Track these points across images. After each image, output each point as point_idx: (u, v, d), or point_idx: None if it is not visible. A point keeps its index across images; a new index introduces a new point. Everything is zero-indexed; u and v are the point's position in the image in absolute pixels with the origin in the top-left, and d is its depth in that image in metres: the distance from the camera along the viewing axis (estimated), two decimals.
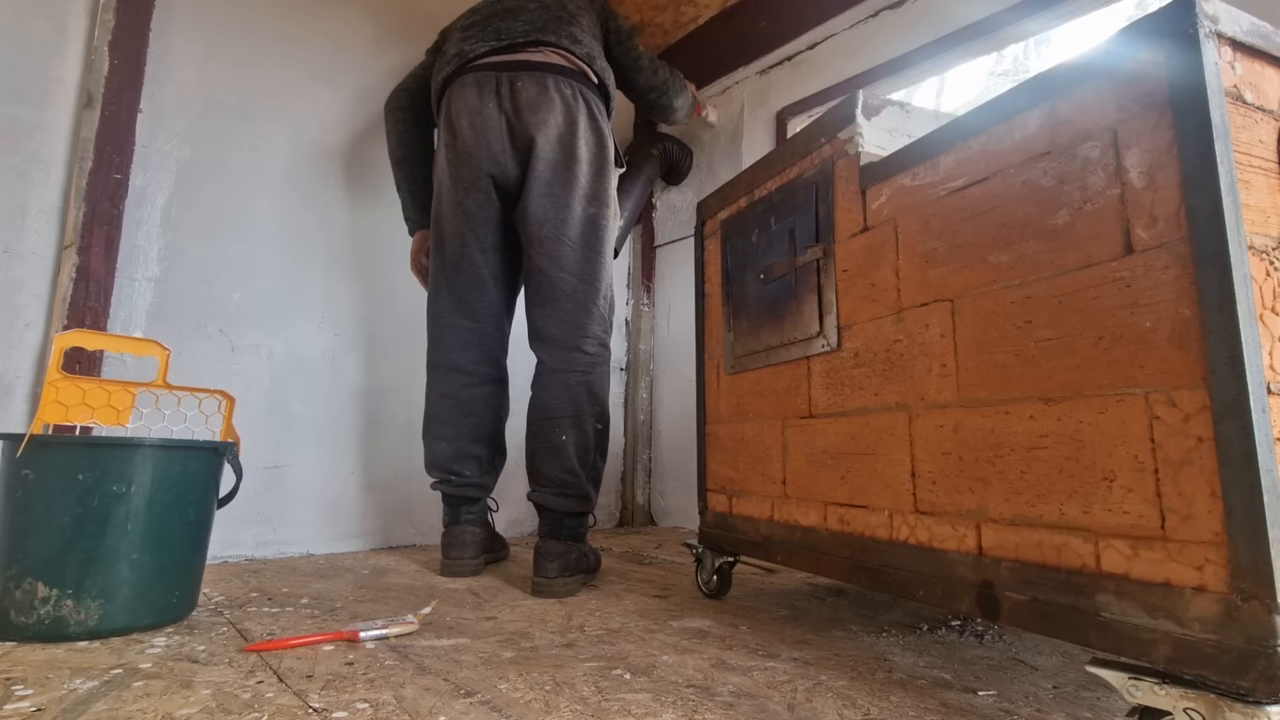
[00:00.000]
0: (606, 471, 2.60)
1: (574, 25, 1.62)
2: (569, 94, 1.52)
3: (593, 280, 1.53)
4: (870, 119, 1.07)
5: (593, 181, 1.54)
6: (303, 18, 1.95)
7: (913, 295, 0.92)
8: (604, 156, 1.57)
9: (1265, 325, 0.59)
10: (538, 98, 1.51)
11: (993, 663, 0.98)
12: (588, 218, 1.53)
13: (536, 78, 1.52)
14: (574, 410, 1.48)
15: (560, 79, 1.53)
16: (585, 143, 1.53)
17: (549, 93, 1.51)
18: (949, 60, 1.93)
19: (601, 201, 1.55)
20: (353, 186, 2.01)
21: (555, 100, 1.51)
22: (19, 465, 1.00)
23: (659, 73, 1.89)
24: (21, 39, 1.55)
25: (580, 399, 1.49)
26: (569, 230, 1.51)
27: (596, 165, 1.55)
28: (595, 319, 1.53)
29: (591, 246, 1.53)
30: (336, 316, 1.96)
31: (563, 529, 1.43)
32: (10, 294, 1.51)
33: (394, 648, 0.99)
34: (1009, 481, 0.78)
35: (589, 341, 1.51)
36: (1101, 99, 0.71)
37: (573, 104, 1.52)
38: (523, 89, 1.51)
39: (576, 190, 1.52)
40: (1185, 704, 0.59)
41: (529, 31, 1.57)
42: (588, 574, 1.46)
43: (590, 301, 1.52)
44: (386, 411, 1.99)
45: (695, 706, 0.79)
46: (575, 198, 1.52)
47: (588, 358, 1.51)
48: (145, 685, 0.82)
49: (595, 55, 1.62)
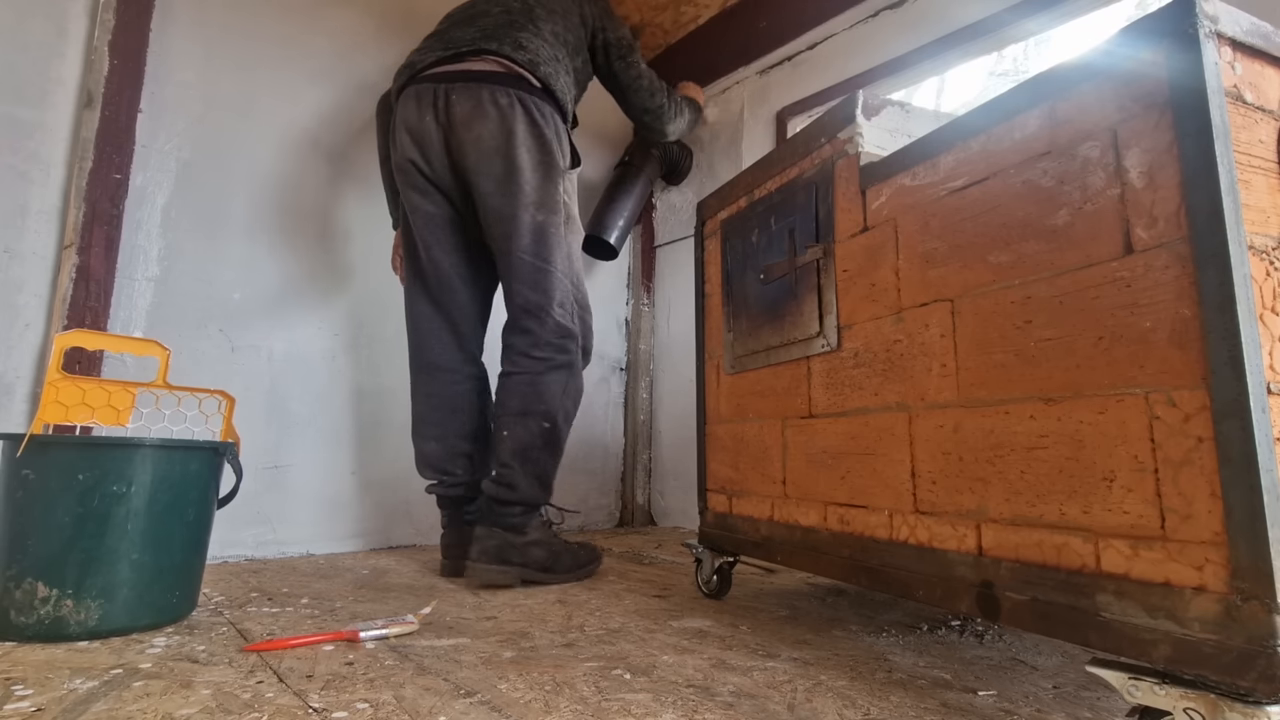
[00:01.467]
0: (606, 471, 2.63)
1: (527, 30, 1.58)
2: (505, 103, 1.50)
3: (544, 289, 1.52)
4: (870, 119, 1.07)
5: (538, 189, 1.52)
6: (303, 18, 1.96)
7: (913, 295, 0.92)
8: (549, 162, 1.54)
9: (1265, 325, 0.59)
10: (471, 112, 1.50)
11: (993, 663, 0.98)
12: (536, 226, 1.52)
13: (471, 90, 1.51)
14: (520, 409, 1.49)
15: (496, 88, 1.50)
16: (526, 150, 1.51)
17: (483, 105, 1.50)
18: (949, 60, 1.93)
19: (549, 209, 1.53)
20: (353, 186, 2.01)
21: (489, 112, 1.49)
22: (19, 465, 1.00)
23: (656, 96, 1.87)
24: (21, 39, 1.55)
25: (527, 399, 1.49)
26: (518, 242, 1.51)
27: (541, 172, 1.53)
28: (548, 327, 1.52)
29: (542, 255, 1.52)
30: (336, 316, 1.96)
31: (492, 515, 1.44)
32: (10, 294, 1.51)
33: (394, 648, 0.99)
34: (1009, 481, 0.78)
35: (540, 348, 1.51)
36: (1101, 99, 0.71)
37: (509, 113, 1.50)
38: (456, 102, 1.51)
39: (521, 200, 1.50)
40: (1185, 704, 0.59)
41: (475, 39, 1.55)
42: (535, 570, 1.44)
43: (543, 310, 1.52)
44: (386, 411, 1.99)
45: (695, 706, 0.79)
46: (520, 208, 1.51)
47: (539, 363, 1.51)
48: (145, 685, 0.82)
49: (542, 60, 1.57)
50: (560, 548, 1.50)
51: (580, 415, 2.55)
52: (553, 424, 1.51)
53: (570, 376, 1.55)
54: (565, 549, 1.51)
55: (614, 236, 2.44)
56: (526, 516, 1.47)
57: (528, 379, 1.50)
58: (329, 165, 1.97)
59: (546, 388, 1.51)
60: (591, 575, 1.56)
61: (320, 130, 1.96)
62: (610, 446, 2.66)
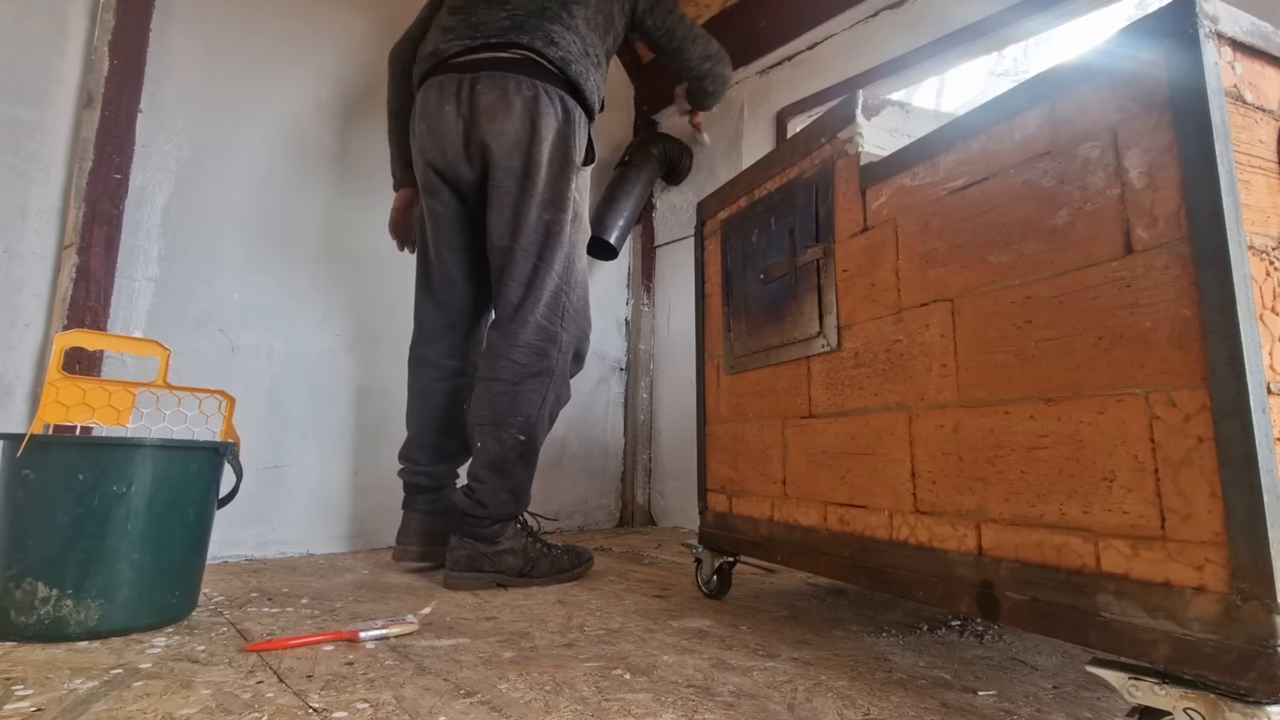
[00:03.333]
0: (606, 471, 2.63)
1: (560, 21, 1.54)
2: (530, 96, 1.48)
3: (536, 288, 1.49)
4: (870, 119, 1.07)
5: (551, 186, 1.50)
6: (303, 17, 1.96)
7: (913, 295, 0.92)
8: (566, 159, 1.52)
9: (1265, 325, 0.59)
10: (495, 104, 1.47)
11: (993, 663, 0.98)
12: (543, 224, 1.50)
13: (498, 80, 1.48)
14: (494, 419, 1.46)
15: (523, 80, 1.48)
16: (548, 146, 1.49)
17: (508, 97, 1.47)
18: (949, 60, 1.93)
19: (559, 207, 1.51)
20: (354, 186, 2.01)
21: (514, 105, 1.47)
22: (19, 465, 1.00)
23: (711, 41, 1.79)
24: (21, 39, 1.55)
25: (502, 407, 1.46)
26: (523, 238, 1.49)
27: (556, 168, 1.51)
28: (531, 328, 1.48)
29: (543, 255, 1.50)
30: (336, 316, 1.96)
31: (464, 525, 1.45)
32: (10, 294, 1.51)
33: (394, 648, 0.99)
34: (1009, 481, 0.78)
35: (519, 351, 1.48)
36: (1101, 99, 0.71)
37: (534, 107, 1.48)
38: (481, 93, 1.48)
39: (534, 198, 1.49)
40: (1185, 704, 0.59)
41: (505, 30, 1.51)
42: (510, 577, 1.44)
43: (526, 310, 1.49)
44: (387, 411, 1.99)
45: (695, 706, 0.79)
46: (532, 205, 1.49)
47: (517, 367, 1.47)
48: (145, 685, 0.82)
49: (574, 58, 1.54)
50: (538, 553, 1.48)
51: (580, 415, 2.57)
52: (528, 436, 1.48)
53: (550, 383, 1.51)
54: (544, 554, 1.49)
55: (614, 236, 2.44)
56: (499, 527, 1.46)
57: (503, 387, 1.47)
58: (329, 165, 1.97)
59: (524, 397, 1.47)
60: (576, 579, 1.52)
61: (321, 130, 1.96)
62: (610, 446, 2.66)
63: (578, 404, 2.56)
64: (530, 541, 1.49)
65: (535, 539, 1.51)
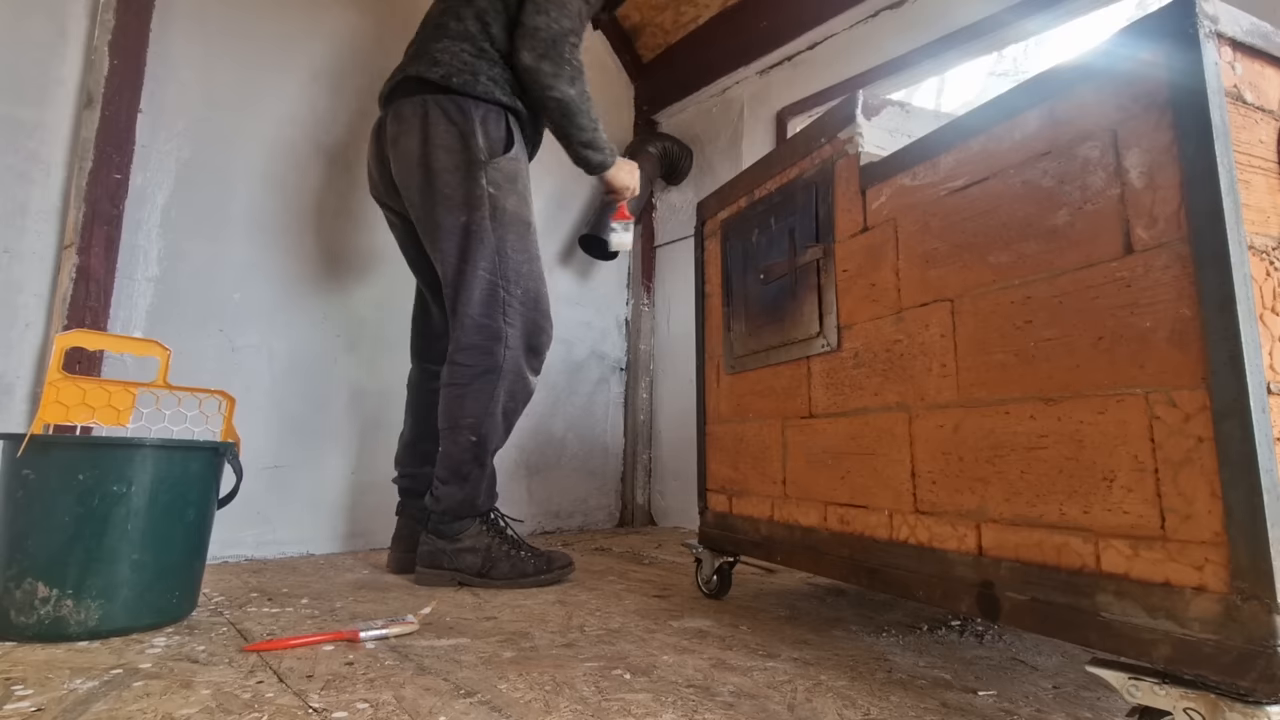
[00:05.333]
0: (606, 471, 2.63)
1: (445, 35, 1.55)
2: (421, 112, 1.50)
3: (465, 288, 1.49)
4: (870, 119, 1.07)
5: (458, 188, 1.49)
6: (303, 18, 1.96)
7: (913, 295, 0.92)
8: (468, 157, 1.49)
9: (1265, 325, 0.59)
10: (397, 131, 1.53)
11: (993, 663, 0.98)
12: (458, 227, 1.49)
13: (397, 108, 1.54)
14: (448, 422, 1.50)
15: (415, 100, 1.51)
16: (442, 150, 1.49)
17: (404, 120, 1.52)
18: (949, 60, 1.93)
19: (471, 205, 1.49)
20: (354, 186, 2.01)
21: (411, 125, 1.51)
22: (19, 465, 1.00)
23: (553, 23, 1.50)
24: (21, 39, 1.55)
25: (453, 414, 1.49)
26: (442, 244, 1.51)
27: (459, 169, 1.49)
28: (469, 328, 1.48)
29: (465, 257, 1.49)
30: (336, 316, 1.96)
31: (429, 521, 1.49)
32: (10, 294, 1.51)
33: (394, 648, 0.99)
34: (1009, 481, 0.78)
35: (463, 353, 1.49)
36: (1101, 99, 0.71)
37: (425, 120, 1.50)
38: (388, 125, 1.56)
39: (440, 204, 1.50)
40: (1185, 704, 0.59)
41: (405, 65, 1.59)
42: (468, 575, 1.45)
43: (464, 311, 1.49)
44: (387, 412, 1.99)
45: (695, 706, 0.79)
46: (440, 211, 1.50)
47: (464, 369, 1.49)
48: (145, 685, 0.82)
49: (454, 71, 1.50)
50: (500, 555, 1.47)
51: (580, 415, 2.58)
52: (479, 436, 1.49)
53: (498, 380, 1.49)
54: (506, 556, 1.47)
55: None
56: (460, 524, 1.47)
57: (453, 391, 1.49)
58: (330, 165, 1.97)
59: (471, 399, 1.48)
60: (540, 585, 1.48)
61: (321, 130, 1.96)
62: (610, 446, 2.66)
63: (578, 404, 2.56)
64: (496, 542, 1.49)
65: (505, 540, 1.50)
